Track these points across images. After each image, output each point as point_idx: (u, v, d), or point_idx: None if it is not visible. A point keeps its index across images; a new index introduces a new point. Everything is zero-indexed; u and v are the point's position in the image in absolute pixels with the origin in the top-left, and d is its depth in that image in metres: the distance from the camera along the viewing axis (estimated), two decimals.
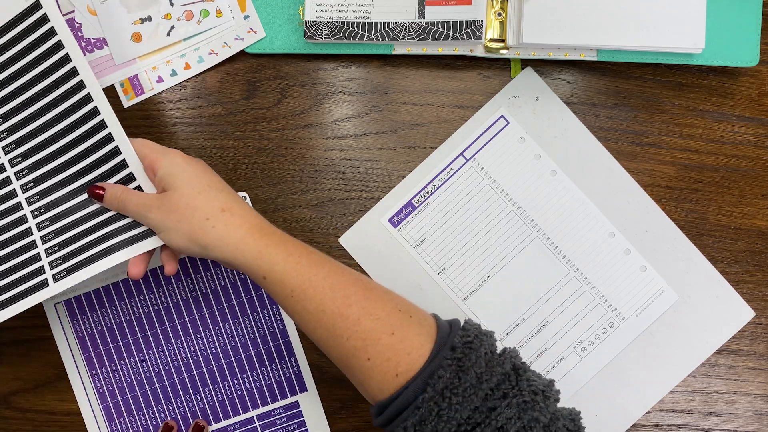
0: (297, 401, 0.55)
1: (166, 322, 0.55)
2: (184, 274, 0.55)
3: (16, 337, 0.56)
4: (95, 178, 0.49)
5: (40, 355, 0.56)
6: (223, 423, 0.55)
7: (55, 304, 0.56)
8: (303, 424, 0.55)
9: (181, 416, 0.55)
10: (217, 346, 0.55)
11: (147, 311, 0.55)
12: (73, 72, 0.50)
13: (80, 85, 0.50)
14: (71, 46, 0.50)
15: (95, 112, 0.49)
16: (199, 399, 0.55)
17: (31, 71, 0.51)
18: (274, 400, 0.55)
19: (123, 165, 0.49)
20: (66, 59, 0.50)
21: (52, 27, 0.50)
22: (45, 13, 0.50)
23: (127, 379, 0.55)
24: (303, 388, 0.55)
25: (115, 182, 0.48)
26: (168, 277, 0.55)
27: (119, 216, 0.48)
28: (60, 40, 0.50)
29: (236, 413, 0.55)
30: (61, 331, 0.55)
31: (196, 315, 0.55)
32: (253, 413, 0.55)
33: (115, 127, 0.49)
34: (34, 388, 0.56)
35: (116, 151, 0.49)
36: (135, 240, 0.48)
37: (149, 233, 0.48)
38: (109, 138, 0.49)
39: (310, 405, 0.55)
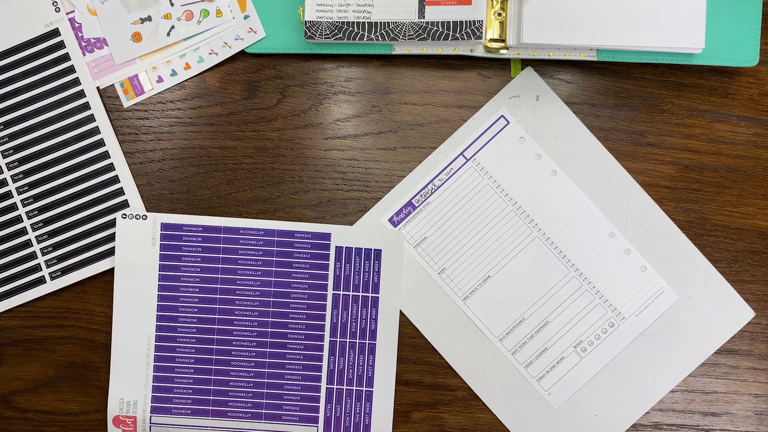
0: None
1: None
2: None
3: (16, 337, 0.56)
4: (90, 187, 0.55)
5: (40, 355, 0.56)
6: None
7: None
8: None
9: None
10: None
11: None
12: (76, 81, 0.55)
13: (85, 106, 0.55)
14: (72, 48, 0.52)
15: (95, 129, 0.55)
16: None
17: (43, 96, 0.55)
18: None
19: (116, 179, 0.55)
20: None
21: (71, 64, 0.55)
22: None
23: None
24: None
25: (108, 194, 0.54)
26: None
27: (109, 224, 0.55)
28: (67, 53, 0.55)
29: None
30: None
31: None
32: None
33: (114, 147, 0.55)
34: (34, 388, 0.56)
35: (111, 167, 0.55)
36: None
37: None
38: (105, 155, 0.55)
39: None
